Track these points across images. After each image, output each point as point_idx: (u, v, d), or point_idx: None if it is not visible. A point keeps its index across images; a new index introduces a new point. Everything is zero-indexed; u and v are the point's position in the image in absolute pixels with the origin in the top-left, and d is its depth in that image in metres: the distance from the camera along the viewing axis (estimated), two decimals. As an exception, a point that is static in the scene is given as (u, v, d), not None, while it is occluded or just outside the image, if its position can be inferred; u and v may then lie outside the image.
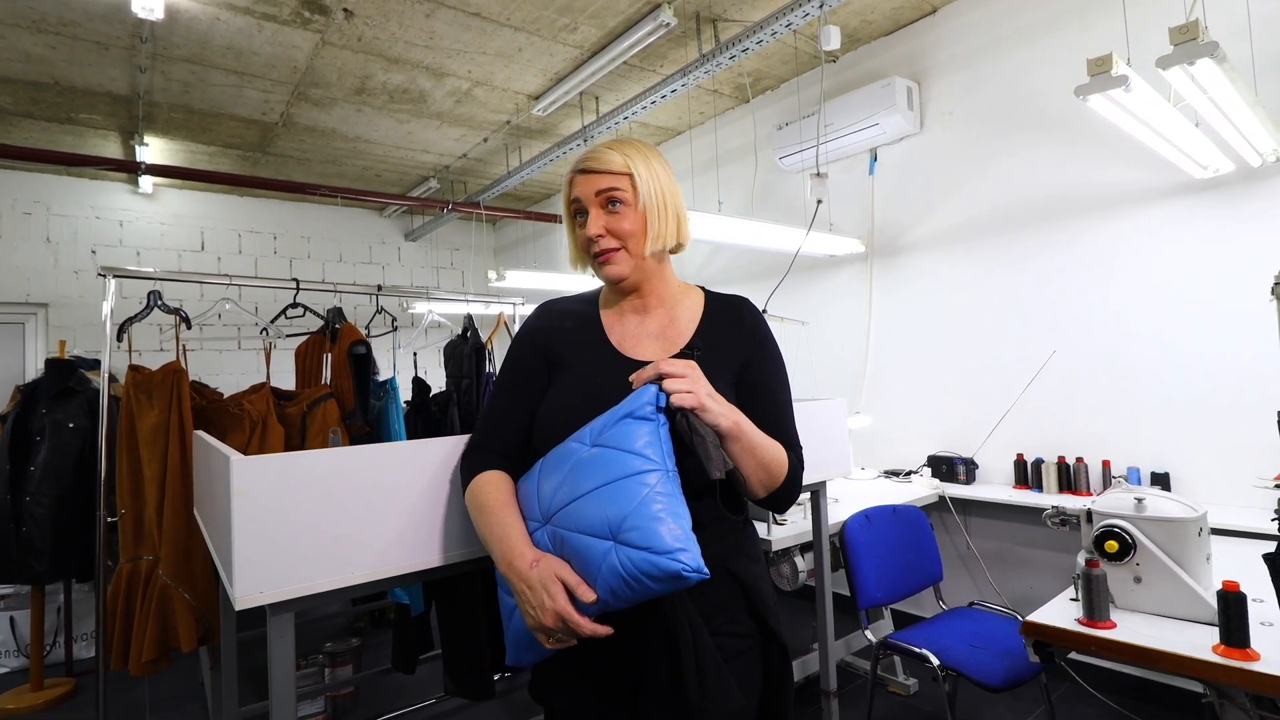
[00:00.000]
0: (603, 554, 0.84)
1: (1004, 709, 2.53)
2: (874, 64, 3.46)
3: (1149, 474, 2.50)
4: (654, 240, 1.06)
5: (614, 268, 1.06)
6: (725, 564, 1.03)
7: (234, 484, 0.96)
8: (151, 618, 2.12)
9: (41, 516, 2.73)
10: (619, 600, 0.85)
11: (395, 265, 6.51)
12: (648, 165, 1.06)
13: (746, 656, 1.03)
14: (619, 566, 0.83)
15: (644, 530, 0.83)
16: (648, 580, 0.82)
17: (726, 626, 1.02)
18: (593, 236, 1.04)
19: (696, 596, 0.98)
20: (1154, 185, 2.52)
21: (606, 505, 0.86)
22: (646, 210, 1.05)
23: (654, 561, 0.81)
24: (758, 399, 1.06)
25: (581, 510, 0.88)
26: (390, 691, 2.94)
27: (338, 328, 2.59)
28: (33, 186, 4.90)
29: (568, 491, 0.91)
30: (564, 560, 0.90)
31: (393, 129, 4.36)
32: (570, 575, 0.88)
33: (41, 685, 2.99)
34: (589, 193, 1.05)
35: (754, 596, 1.05)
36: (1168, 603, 1.48)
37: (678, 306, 1.13)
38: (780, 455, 1.01)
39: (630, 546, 0.83)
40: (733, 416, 0.94)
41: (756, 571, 1.08)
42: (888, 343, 3.45)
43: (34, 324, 4.92)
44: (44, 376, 2.93)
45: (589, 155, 1.06)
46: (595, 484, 0.88)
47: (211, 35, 3.09)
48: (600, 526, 0.86)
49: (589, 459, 0.91)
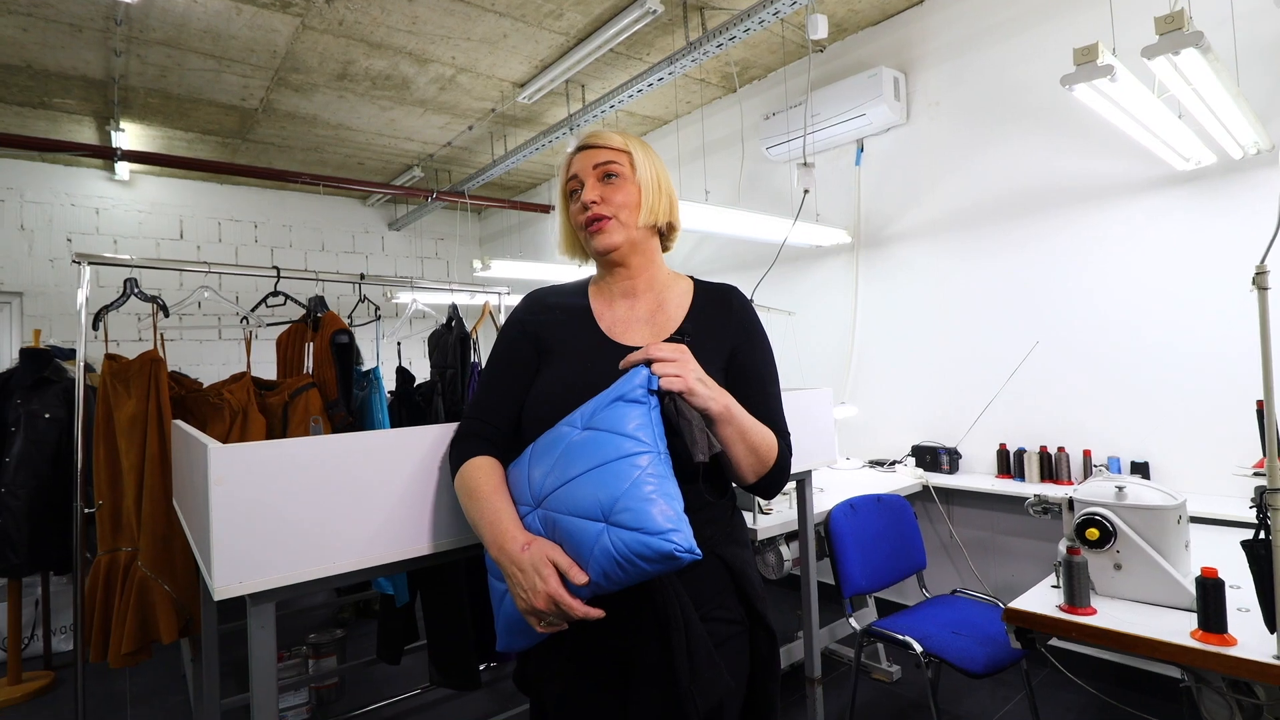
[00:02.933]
0: (595, 536, 0.84)
1: (985, 695, 2.56)
2: (861, 54, 3.46)
3: (1129, 463, 2.54)
4: (648, 214, 1.10)
5: (605, 236, 1.08)
6: (715, 549, 1.04)
7: (212, 473, 0.95)
8: (131, 609, 2.09)
9: (17, 509, 2.68)
10: (612, 583, 0.85)
11: (379, 255, 6.45)
12: (644, 150, 1.13)
13: (735, 641, 1.04)
14: (611, 548, 0.83)
15: (636, 511, 0.83)
16: (640, 561, 0.82)
17: (717, 612, 1.02)
18: (587, 202, 1.08)
19: (687, 581, 0.98)
20: (1136, 177, 2.54)
21: (598, 487, 0.86)
22: (642, 185, 1.10)
23: (646, 542, 0.81)
24: (747, 385, 1.07)
25: (573, 493, 0.88)
26: (375, 682, 2.93)
27: (319, 317, 2.56)
28: (5, 173, 4.78)
29: (559, 475, 0.90)
30: (556, 544, 0.89)
31: (375, 116, 4.30)
32: (562, 558, 0.87)
33: (20, 679, 2.95)
34: (587, 166, 1.10)
35: (742, 582, 1.06)
36: (1147, 589, 1.50)
37: (667, 292, 1.14)
38: (770, 440, 1.02)
39: (623, 528, 0.83)
40: (723, 400, 0.95)
41: (745, 557, 1.09)
42: (873, 333, 3.47)
43: (8, 313, 4.82)
44: (18, 366, 2.87)
45: (589, 134, 1.13)
46: (587, 466, 0.88)
47: (189, 18, 3.02)
48: (592, 509, 0.85)
49: (580, 442, 0.91)
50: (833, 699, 2.57)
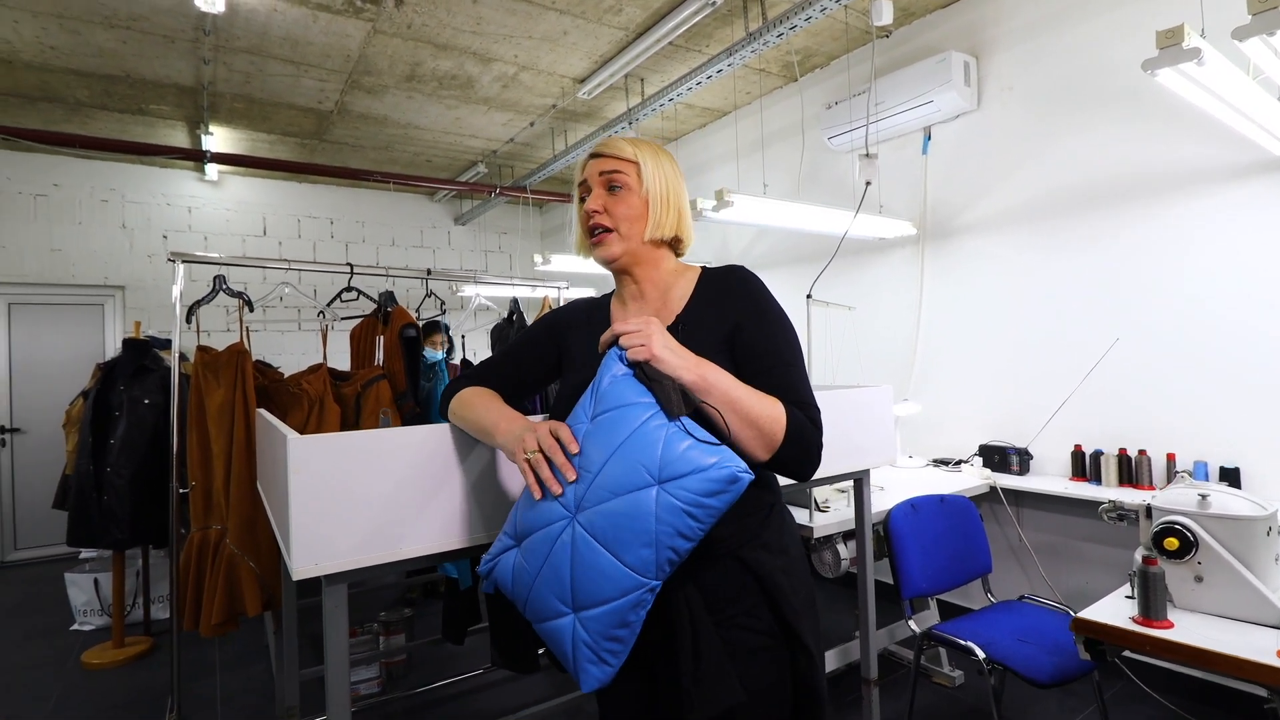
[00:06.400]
0: (654, 500, 0.85)
1: (1054, 705, 2.47)
2: (929, 38, 3.33)
3: (1218, 468, 2.38)
4: (654, 228, 1.10)
5: (603, 249, 1.11)
6: (736, 551, 1.01)
7: (291, 462, 1.01)
8: (220, 584, 2.25)
9: (121, 487, 2.91)
10: (686, 539, 0.86)
11: (445, 249, 6.65)
12: (656, 159, 1.11)
13: (766, 655, 1.00)
14: (676, 501, 0.84)
15: (684, 459, 0.85)
16: (708, 499, 0.84)
17: (739, 619, 0.99)
18: (590, 210, 1.10)
19: (702, 584, 0.97)
20: (1230, 163, 2.37)
21: (636, 456, 0.87)
22: (649, 198, 1.10)
23: (708, 475, 0.84)
24: (757, 359, 1.03)
25: (611, 475, 0.88)
26: (441, 660, 3.05)
27: (389, 311, 2.67)
28: (109, 175, 5.17)
29: (589, 467, 0.91)
30: (607, 538, 0.88)
31: (442, 115, 4.43)
32: (562, 428, 0.94)
33: (123, 643, 3.21)
34: (594, 173, 1.11)
35: (772, 591, 1.01)
36: (1231, 604, 1.42)
37: (672, 289, 1.14)
38: (772, 410, 0.95)
39: (678, 478, 0.85)
40: (698, 370, 0.94)
41: (775, 563, 1.03)
42: (940, 328, 3.36)
43: (112, 305, 5.22)
44: (122, 355, 3.11)
45: (601, 143, 1.12)
46: (613, 446, 0.89)
47: (269, 26, 3.19)
48: (639, 478, 0.87)
49: (595, 430, 0.93)
50: (891, 701, 2.53)
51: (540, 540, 0.92)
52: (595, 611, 0.87)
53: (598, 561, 0.87)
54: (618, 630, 0.88)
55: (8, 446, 4.83)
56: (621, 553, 0.86)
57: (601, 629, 0.87)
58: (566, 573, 0.89)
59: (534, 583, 0.92)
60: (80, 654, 3.20)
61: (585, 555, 0.88)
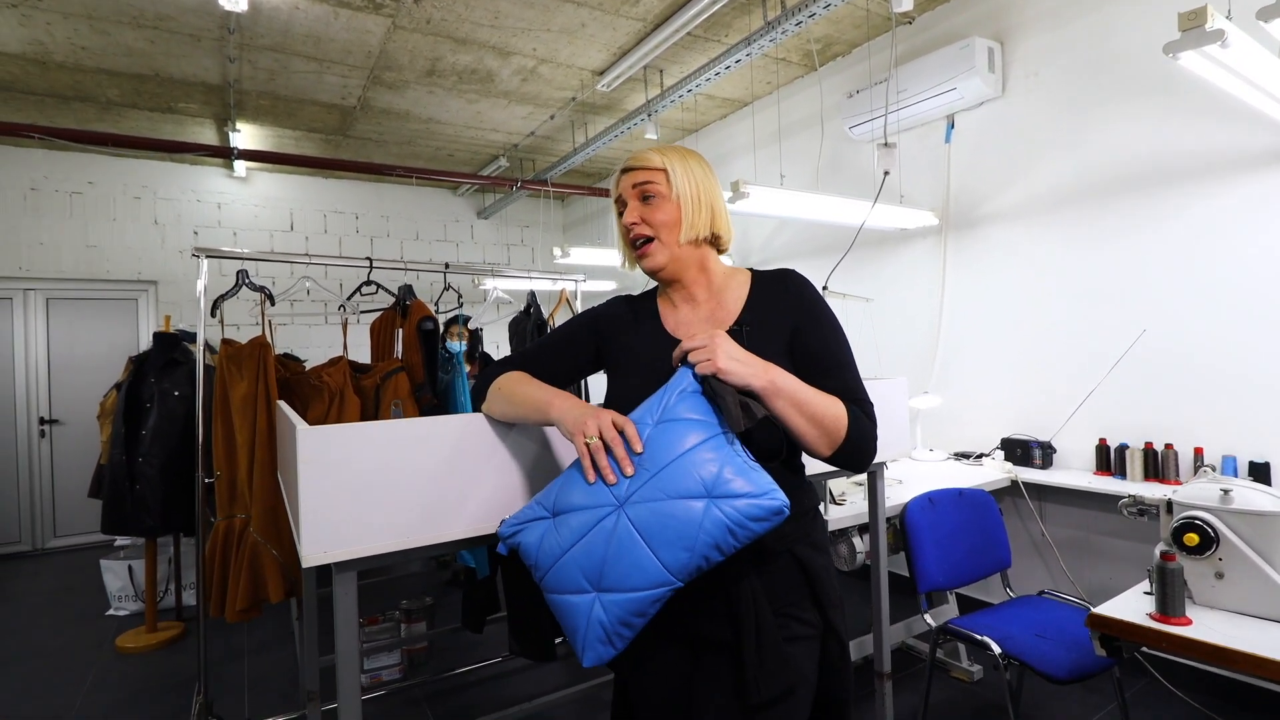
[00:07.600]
0: (702, 512, 0.90)
1: (1073, 702, 2.43)
2: (952, 24, 3.27)
3: (1247, 463, 2.32)
4: (688, 230, 1.12)
5: (649, 260, 1.14)
6: (790, 548, 1.07)
7: (301, 451, 1.04)
8: (244, 571, 2.31)
9: (152, 476, 3.00)
10: (721, 552, 0.91)
11: (468, 242, 6.70)
12: (684, 163, 1.14)
13: (805, 645, 1.06)
14: (724, 517, 0.89)
15: (740, 480, 0.91)
16: (752, 523, 0.89)
17: (791, 610, 1.06)
18: (628, 224, 1.13)
19: (762, 576, 1.03)
20: (1262, 150, 2.29)
21: (695, 467, 0.92)
22: (681, 202, 1.12)
23: (759, 503, 0.89)
24: (815, 360, 1.09)
25: (669, 479, 0.92)
26: (461, 648, 3.10)
27: (408, 304, 2.71)
28: (140, 172, 5.30)
29: (648, 465, 0.95)
30: (650, 534, 0.92)
31: (463, 109, 4.46)
32: (628, 423, 0.97)
33: (155, 628, 3.32)
34: (628, 187, 1.15)
35: (817, 587, 1.08)
36: (1252, 600, 1.38)
37: (725, 292, 1.18)
38: (835, 410, 1.01)
39: (731, 498, 0.90)
40: (766, 375, 0.97)
41: (821, 562, 1.11)
42: (962, 319, 3.31)
43: (145, 300, 5.36)
44: (153, 348, 3.20)
45: (630, 157, 1.16)
46: (676, 453, 0.93)
47: (292, 24, 3.24)
48: (694, 488, 0.91)
49: (658, 434, 0.96)
50: (908, 695, 2.51)
51: (580, 520, 0.96)
52: (619, 597, 0.92)
53: (636, 553, 0.91)
54: (634, 618, 0.93)
55: (47, 437, 5.01)
56: (660, 550, 0.91)
57: (621, 614, 0.92)
58: (600, 555, 0.93)
59: (563, 556, 0.96)
60: (115, 638, 3.31)
61: (625, 544, 0.92)
